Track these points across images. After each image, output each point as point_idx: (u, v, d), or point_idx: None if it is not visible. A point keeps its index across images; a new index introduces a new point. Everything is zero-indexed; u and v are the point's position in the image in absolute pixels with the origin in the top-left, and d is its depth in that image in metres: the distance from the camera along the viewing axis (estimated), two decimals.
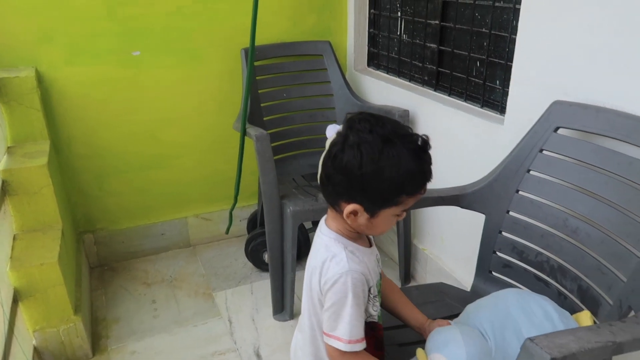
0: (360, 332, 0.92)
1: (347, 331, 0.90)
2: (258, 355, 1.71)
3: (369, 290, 0.94)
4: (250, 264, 2.18)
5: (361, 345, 0.92)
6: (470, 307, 1.13)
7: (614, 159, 1.10)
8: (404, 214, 0.94)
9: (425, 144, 0.90)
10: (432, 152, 0.93)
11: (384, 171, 0.85)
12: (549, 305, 1.07)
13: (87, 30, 1.90)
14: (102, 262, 2.23)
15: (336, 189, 0.90)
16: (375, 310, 0.98)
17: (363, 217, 0.90)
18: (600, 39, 1.17)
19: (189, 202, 2.31)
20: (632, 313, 0.95)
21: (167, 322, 1.87)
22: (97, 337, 1.80)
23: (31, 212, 1.68)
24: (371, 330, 0.97)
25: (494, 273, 1.35)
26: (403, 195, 0.89)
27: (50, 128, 1.92)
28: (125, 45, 1.97)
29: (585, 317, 1.09)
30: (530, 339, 0.75)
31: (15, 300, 1.51)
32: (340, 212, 0.91)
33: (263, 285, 2.07)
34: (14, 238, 1.65)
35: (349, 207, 0.89)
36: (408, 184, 0.89)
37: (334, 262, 0.91)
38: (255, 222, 2.26)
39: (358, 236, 0.97)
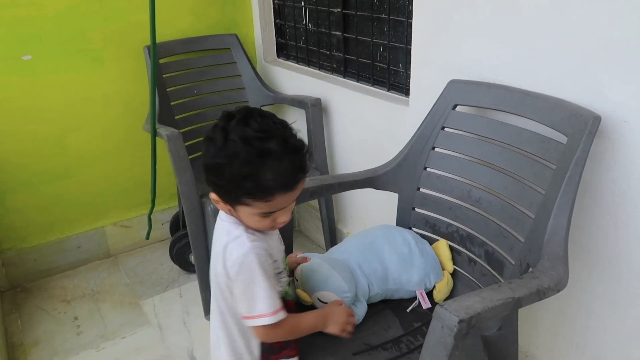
0: (278, 301, 0.94)
1: (266, 305, 0.92)
2: (193, 358, 1.69)
3: (274, 266, 0.96)
4: (177, 267, 2.13)
5: (284, 313, 0.94)
6: (346, 237, 1.31)
7: (506, 131, 1.19)
8: (279, 217, 0.92)
9: (266, 152, 0.83)
10: (347, 136, 0.96)
11: (221, 168, 0.85)
12: (409, 235, 1.29)
13: None
14: (14, 283, 2.08)
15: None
16: (281, 286, 1.01)
17: (226, 207, 0.93)
18: (486, 19, 1.25)
19: (105, 211, 2.20)
20: (530, 270, 1.04)
21: (93, 338, 1.79)
22: None
23: None
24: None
25: None
26: (246, 198, 0.86)
27: None
28: (13, 50, 1.83)
29: (442, 245, 1.31)
30: (440, 305, 0.81)
31: None
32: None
33: (192, 287, 2.03)
34: None
35: (212, 195, 0.93)
36: (244, 187, 0.85)
37: (235, 244, 0.92)
38: (177, 224, 2.20)
39: None
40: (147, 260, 2.23)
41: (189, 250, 2.03)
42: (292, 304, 1.08)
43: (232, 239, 0.93)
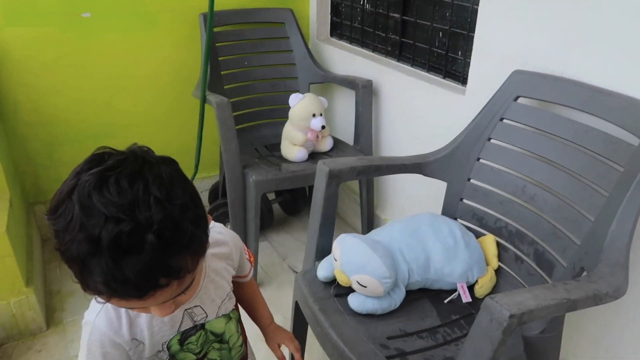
0: None
1: None
2: None
3: (133, 349, 0.77)
4: None
5: None
6: (390, 221, 1.27)
7: (571, 127, 1.13)
8: (153, 311, 0.67)
9: (96, 241, 0.57)
10: (396, 121, 0.90)
11: (56, 235, 0.61)
12: (455, 226, 1.25)
13: None
14: None
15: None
16: None
17: None
18: (559, 10, 1.18)
19: None
20: (585, 274, 0.99)
21: None
22: (51, 310, 1.74)
23: None
24: None
25: None
26: (85, 285, 0.61)
27: None
28: (73, 6, 1.86)
29: (489, 240, 1.27)
30: (491, 297, 0.78)
31: None
32: None
33: None
34: None
35: None
36: (77, 276, 0.62)
37: (90, 308, 0.76)
38: (217, 193, 2.21)
39: None
40: None
41: (226, 219, 2.04)
42: None
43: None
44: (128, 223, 0.57)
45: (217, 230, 0.90)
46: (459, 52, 1.64)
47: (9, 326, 1.59)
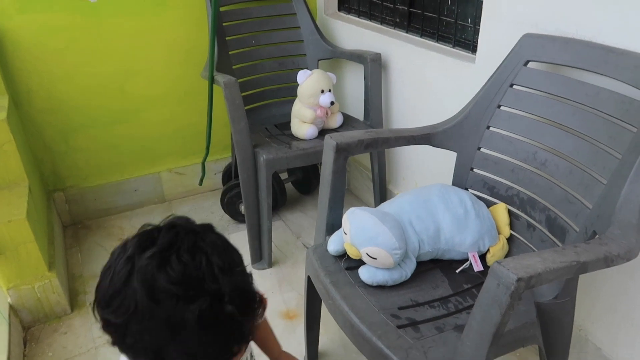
0: None
1: None
2: None
3: None
4: (227, 216, 2.17)
5: None
6: (399, 194, 1.28)
7: (582, 90, 1.10)
8: None
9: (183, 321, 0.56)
10: (406, 94, 0.89)
11: (118, 328, 0.61)
12: (466, 195, 1.24)
13: None
14: (75, 220, 2.19)
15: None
16: None
17: None
18: None
19: (161, 157, 2.26)
20: (597, 237, 0.97)
21: None
22: (74, 294, 1.79)
23: None
24: None
25: None
26: None
27: (7, 81, 1.83)
28: None
29: (501, 208, 1.26)
30: (498, 262, 0.77)
31: None
32: None
33: (241, 236, 2.07)
34: None
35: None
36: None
37: None
38: (229, 175, 2.23)
39: None
40: (199, 208, 2.29)
41: (239, 200, 2.06)
42: None
43: None
44: (204, 299, 0.56)
45: None
46: (469, 20, 1.61)
47: (34, 310, 1.64)
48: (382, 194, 2.03)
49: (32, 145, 1.99)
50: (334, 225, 1.27)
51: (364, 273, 1.11)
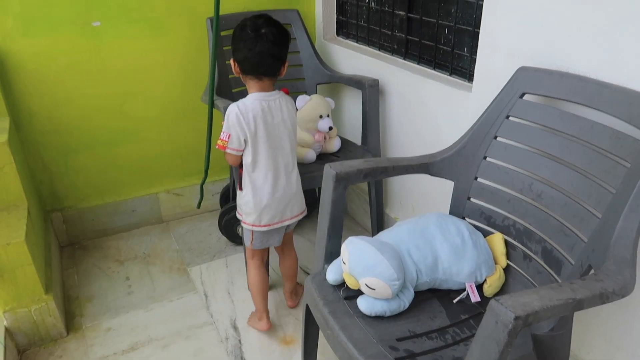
0: None
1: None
2: (235, 327, 1.73)
3: None
4: (224, 238, 2.18)
5: None
6: (397, 223, 1.30)
7: (577, 123, 1.13)
8: None
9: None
10: (403, 119, 0.92)
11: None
12: (463, 225, 1.25)
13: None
14: (73, 240, 2.19)
15: (283, 57, 1.45)
16: None
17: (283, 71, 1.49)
18: (563, 5, 1.17)
19: (159, 178, 2.27)
20: (592, 271, 0.99)
21: (142, 299, 1.86)
22: (70, 316, 1.78)
23: None
24: None
25: None
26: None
27: (9, 103, 1.85)
28: (84, 15, 1.89)
29: (497, 238, 1.28)
30: (496, 299, 0.78)
31: None
32: (280, 74, 1.47)
33: (238, 258, 2.07)
34: None
35: (286, 63, 1.48)
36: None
37: (289, 98, 1.53)
38: (227, 196, 2.24)
39: None
40: (196, 229, 2.29)
41: (237, 222, 2.06)
42: None
43: (286, 97, 1.50)
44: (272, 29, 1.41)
45: None
46: (465, 49, 1.64)
47: (30, 333, 1.63)
48: (379, 218, 2.05)
49: (31, 166, 2.00)
50: (332, 253, 1.28)
51: (362, 303, 1.12)
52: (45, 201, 2.10)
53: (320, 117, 1.80)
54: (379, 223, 2.05)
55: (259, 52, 1.38)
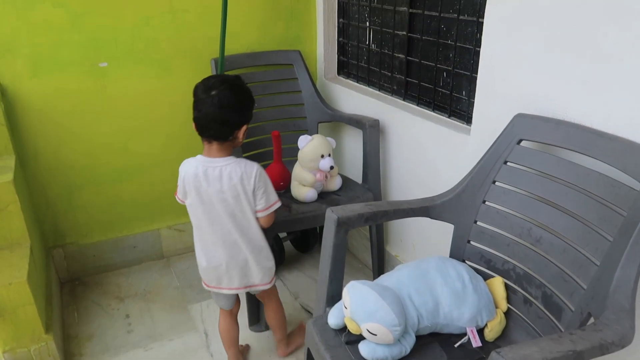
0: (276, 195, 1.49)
1: (273, 197, 1.46)
2: None
3: None
4: None
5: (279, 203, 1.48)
6: (398, 266, 1.32)
7: (573, 170, 1.15)
8: None
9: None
10: (403, 159, 0.93)
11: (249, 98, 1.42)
12: (463, 269, 1.27)
13: (51, 41, 1.87)
14: (73, 276, 2.19)
15: (232, 123, 1.38)
16: None
17: (242, 136, 1.41)
18: (558, 55, 1.22)
19: (161, 214, 2.29)
20: (592, 320, 1.00)
21: (142, 337, 1.85)
22: (69, 356, 1.77)
23: None
24: None
25: None
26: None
27: (15, 142, 1.88)
28: (91, 56, 1.95)
29: (497, 282, 1.29)
30: (496, 351, 0.79)
31: None
32: (232, 140, 1.40)
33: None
34: None
35: (243, 128, 1.39)
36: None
37: (248, 166, 1.39)
38: None
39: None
40: (197, 266, 2.28)
41: None
42: None
43: (243, 165, 1.39)
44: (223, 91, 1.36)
45: None
46: (463, 92, 1.68)
47: None
48: (380, 255, 2.06)
49: (35, 203, 2.02)
50: (334, 296, 1.28)
51: (364, 349, 1.12)
52: (47, 238, 2.11)
53: (322, 156, 1.83)
54: (379, 260, 2.06)
55: (204, 114, 1.34)
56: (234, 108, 1.35)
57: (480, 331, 1.22)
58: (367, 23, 2.10)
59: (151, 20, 1.99)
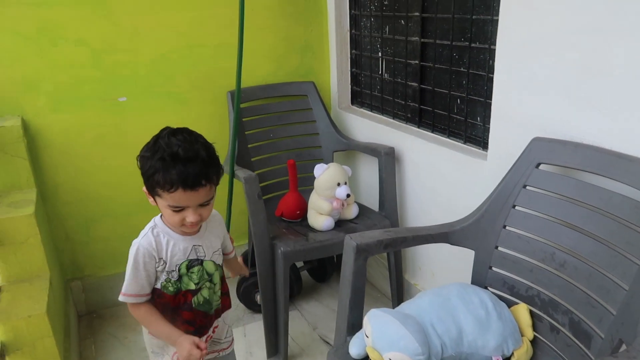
0: (133, 289, 1.17)
1: (126, 287, 1.18)
2: None
3: (159, 264, 1.17)
4: (242, 306, 2.16)
5: (134, 299, 1.18)
6: (419, 294, 1.30)
7: (595, 194, 1.14)
8: (187, 217, 1.11)
9: (174, 155, 1.05)
10: (420, 186, 0.93)
11: (145, 159, 1.08)
12: (486, 296, 1.24)
13: (73, 78, 1.93)
14: (91, 309, 2.19)
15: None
16: (160, 282, 1.19)
17: (150, 199, 1.14)
18: (572, 78, 1.22)
19: None
20: (624, 346, 0.97)
21: None
22: None
23: (18, 263, 1.65)
24: (157, 297, 1.20)
25: None
26: (157, 187, 1.07)
27: (37, 175, 1.91)
28: (111, 92, 2.00)
29: (522, 309, 1.26)
30: None
31: (2, 354, 1.48)
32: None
33: (256, 327, 2.05)
34: (0, 290, 1.62)
35: (144, 188, 1.13)
36: (156, 178, 1.06)
37: (140, 233, 1.20)
38: (246, 263, 2.24)
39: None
40: None
41: (255, 290, 2.06)
42: (169, 297, 1.20)
43: (143, 229, 1.20)
44: (191, 148, 1.06)
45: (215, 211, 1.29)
46: (478, 118, 1.69)
47: None
48: (398, 284, 2.03)
49: (54, 236, 2.04)
50: (354, 325, 1.26)
51: None
52: (66, 270, 2.12)
53: (338, 184, 1.83)
54: (398, 289, 2.03)
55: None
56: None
57: None
58: (380, 53, 2.13)
59: (169, 56, 2.05)
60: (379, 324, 1.12)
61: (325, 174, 1.83)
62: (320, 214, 1.85)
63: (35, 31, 1.84)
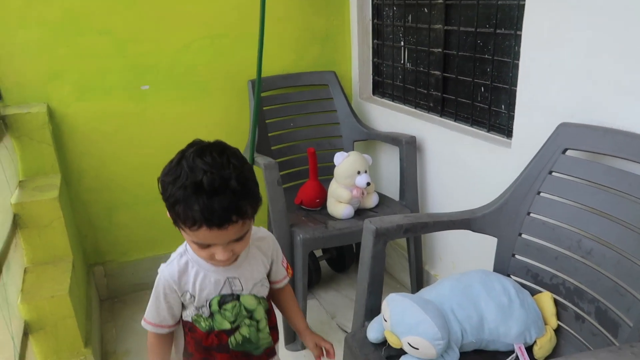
0: (153, 317, 1.05)
1: (147, 313, 1.06)
2: None
3: (185, 297, 1.02)
4: None
5: (153, 328, 1.06)
6: (439, 280, 1.28)
7: (625, 179, 1.10)
8: (216, 254, 0.92)
9: (198, 185, 0.84)
10: (441, 175, 0.92)
11: (166, 185, 0.90)
12: (509, 283, 1.21)
13: (97, 67, 1.95)
14: (112, 294, 2.22)
15: None
16: (191, 315, 1.03)
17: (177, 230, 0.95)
18: (602, 61, 1.18)
19: None
20: None
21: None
22: None
23: (42, 245, 1.68)
24: (189, 330, 1.06)
25: None
26: (179, 222, 0.89)
27: (61, 162, 1.95)
28: (134, 80, 2.02)
29: (546, 297, 1.22)
30: None
31: (26, 334, 1.50)
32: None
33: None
34: (25, 271, 1.65)
35: (168, 214, 0.93)
36: (175, 209, 0.88)
37: (167, 260, 1.05)
38: None
39: None
40: None
41: None
42: (202, 334, 1.04)
43: (174, 252, 1.06)
44: (218, 175, 0.85)
45: (261, 230, 1.12)
46: (502, 106, 1.65)
47: None
48: (418, 274, 2.00)
49: (77, 221, 2.07)
50: (372, 310, 1.25)
51: None
52: (88, 255, 2.15)
53: (358, 173, 1.81)
54: (418, 280, 2.00)
55: None
56: None
57: (529, 349, 1.16)
58: (402, 42, 2.11)
59: (191, 45, 2.06)
60: (398, 308, 1.10)
61: (345, 161, 1.82)
62: (339, 202, 1.83)
63: (61, 21, 1.86)
